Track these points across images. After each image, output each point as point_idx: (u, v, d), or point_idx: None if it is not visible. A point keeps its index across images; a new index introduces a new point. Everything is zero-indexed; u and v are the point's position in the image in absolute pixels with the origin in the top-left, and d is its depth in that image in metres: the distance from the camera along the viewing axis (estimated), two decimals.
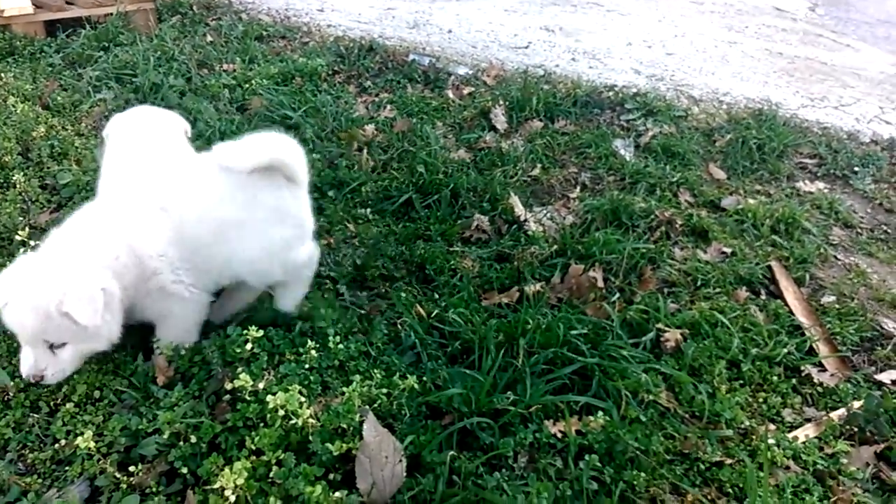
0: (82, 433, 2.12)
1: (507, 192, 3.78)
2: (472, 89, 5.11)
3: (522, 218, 3.61)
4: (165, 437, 2.08)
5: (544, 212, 3.70)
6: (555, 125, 4.62)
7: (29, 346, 2.10)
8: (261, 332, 2.30)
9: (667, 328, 2.80)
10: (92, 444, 1.96)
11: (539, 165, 4.14)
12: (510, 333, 2.59)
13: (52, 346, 2.10)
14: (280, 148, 2.34)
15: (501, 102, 4.76)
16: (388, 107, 4.84)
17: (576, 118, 4.73)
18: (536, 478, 2.10)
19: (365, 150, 4.15)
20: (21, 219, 3.22)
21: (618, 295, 2.99)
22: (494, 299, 2.99)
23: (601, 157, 4.25)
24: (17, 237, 2.82)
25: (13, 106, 4.08)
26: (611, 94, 5.03)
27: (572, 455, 2.19)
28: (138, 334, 2.46)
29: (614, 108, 4.90)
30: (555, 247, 3.30)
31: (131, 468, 2.02)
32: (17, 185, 3.39)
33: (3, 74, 4.58)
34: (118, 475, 2.00)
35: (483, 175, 4.00)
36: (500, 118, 4.64)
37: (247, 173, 2.27)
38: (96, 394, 2.29)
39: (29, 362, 2.11)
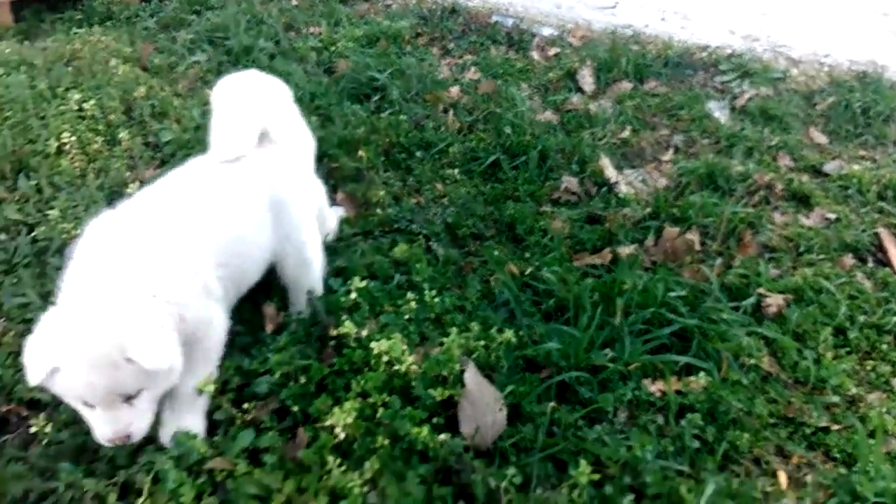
0: None
1: (597, 155, 3.72)
2: (558, 50, 5.02)
3: (613, 180, 3.55)
4: (276, 377, 2.17)
5: (635, 174, 3.64)
6: (644, 87, 4.50)
7: (101, 406, 1.78)
8: (363, 283, 2.36)
9: (768, 293, 2.72)
10: (211, 388, 2.05)
11: (629, 128, 4.05)
12: (606, 293, 2.57)
13: (128, 399, 1.80)
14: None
15: (588, 63, 4.66)
16: (472, 69, 4.81)
17: (667, 79, 4.60)
18: (638, 433, 2.09)
19: (450, 112, 4.15)
20: (129, 174, 3.38)
21: (716, 259, 2.92)
22: (586, 260, 2.96)
23: (694, 120, 4.13)
24: (128, 191, 2.97)
25: (115, 68, 4.25)
26: (704, 54, 4.86)
27: (673, 413, 2.17)
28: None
29: (707, 69, 4.73)
30: (648, 209, 3.24)
31: (245, 405, 2.12)
32: (123, 143, 3.56)
33: (104, 38, 4.77)
34: (233, 411, 2.10)
35: (571, 137, 3.94)
36: (587, 79, 4.55)
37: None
38: None
39: (110, 425, 1.80)
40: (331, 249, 2.90)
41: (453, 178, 3.58)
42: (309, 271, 2.52)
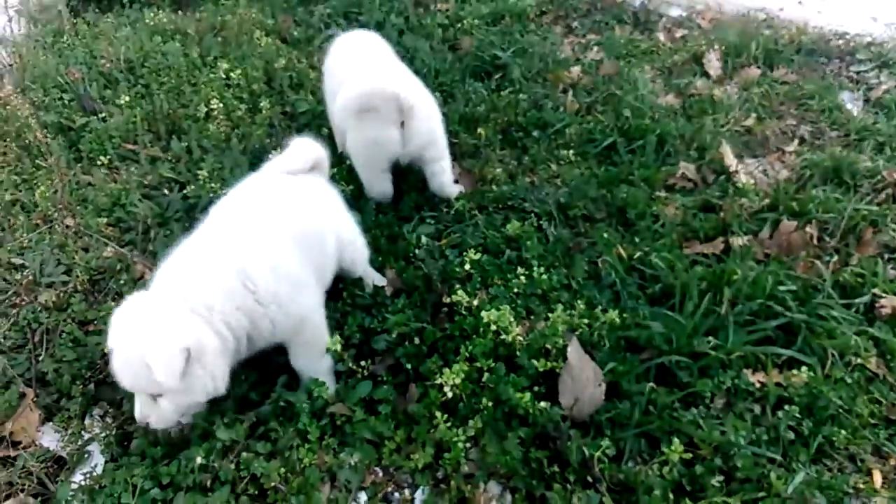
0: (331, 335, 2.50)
1: (718, 142, 3.68)
2: (685, 32, 4.93)
3: (732, 169, 3.50)
4: (393, 336, 2.39)
5: (756, 164, 3.58)
6: (774, 73, 4.36)
7: (134, 392, 2.02)
8: (478, 255, 2.51)
9: (884, 294, 2.66)
10: (339, 347, 2.28)
11: (754, 115, 3.95)
12: (714, 282, 2.60)
13: (155, 396, 1.99)
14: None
15: (716, 47, 4.56)
16: (595, 49, 4.81)
17: (798, 67, 4.42)
18: (733, 419, 2.15)
19: (570, 92, 4.20)
20: (268, 140, 3.68)
21: (832, 256, 2.86)
22: (696, 248, 2.98)
23: (824, 110, 3.97)
24: (271, 157, 3.24)
25: (258, 39, 4.57)
26: (840, 42, 4.63)
27: (771, 404, 2.21)
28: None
29: (843, 57, 4.51)
30: (766, 201, 3.20)
31: (363, 361, 2.34)
32: (264, 111, 3.86)
33: (248, 10, 5.11)
34: (353, 365, 2.33)
35: (692, 122, 3.90)
36: (713, 63, 4.46)
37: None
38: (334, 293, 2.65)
39: (137, 410, 2.03)
40: (449, 222, 3.09)
41: (568, 158, 3.65)
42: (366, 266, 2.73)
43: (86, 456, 2.23)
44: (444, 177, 3.14)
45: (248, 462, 1.98)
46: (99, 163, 3.48)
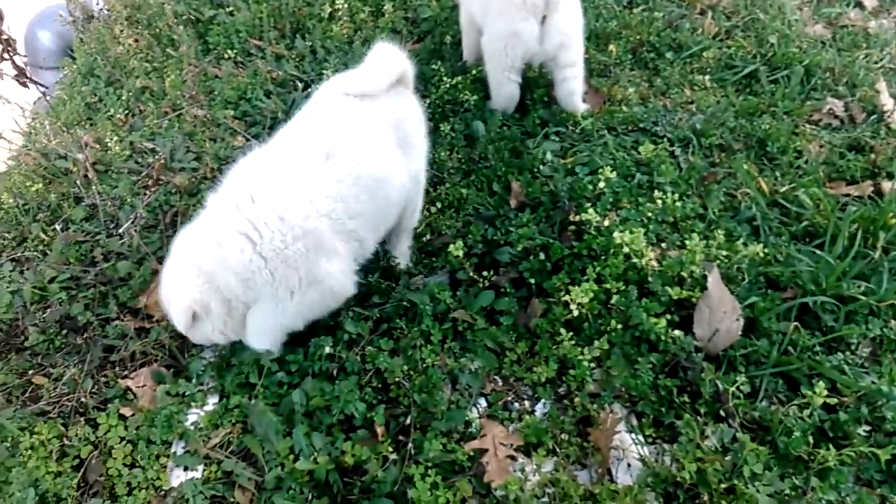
0: (445, 233, 2.47)
1: (871, 78, 3.36)
2: None
3: (886, 108, 3.21)
4: (517, 250, 2.32)
5: None
6: None
7: None
8: (613, 174, 2.39)
9: None
10: (461, 253, 2.24)
11: None
12: (867, 225, 2.40)
13: None
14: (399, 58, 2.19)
15: None
16: None
17: None
18: (878, 370, 2.01)
19: (709, 14, 3.91)
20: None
21: None
22: (842, 189, 2.76)
23: None
24: None
25: None
26: None
27: None
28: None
29: None
30: None
31: (483, 273, 2.30)
32: (387, 14, 3.76)
33: None
34: (474, 274, 2.30)
35: (842, 56, 3.58)
36: None
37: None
38: (457, 203, 2.61)
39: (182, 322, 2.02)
40: (575, 140, 2.96)
41: (703, 84, 3.42)
42: (417, 214, 2.42)
43: None
44: (574, 84, 2.97)
45: (374, 356, 2.00)
46: (226, 56, 3.50)
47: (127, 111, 3.33)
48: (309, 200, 1.92)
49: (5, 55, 4.28)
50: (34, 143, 3.38)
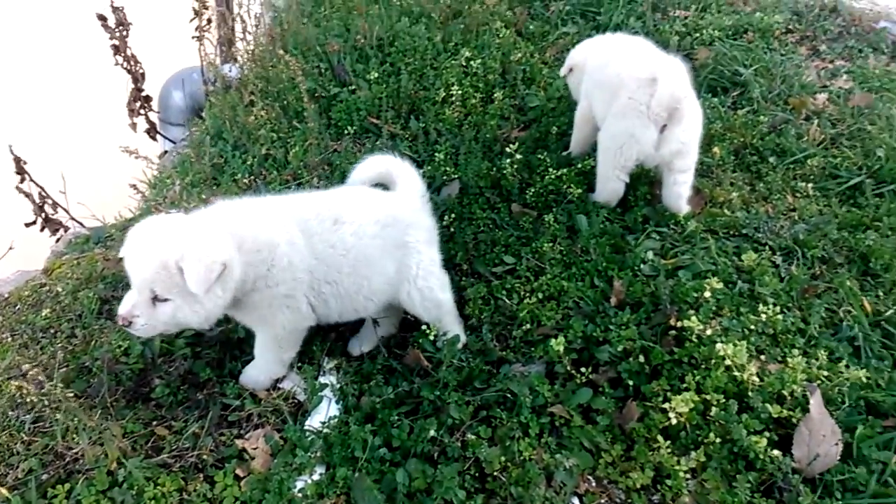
0: (545, 324, 2.57)
1: None
2: None
3: None
4: (618, 350, 2.40)
5: None
6: None
7: (136, 290, 2.06)
8: (720, 284, 2.45)
9: None
10: (562, 348, 2.34)
11: None
12: None
13: (155, 299, 2.05)
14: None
15: None
16: (845, 76, 4.48)
17: None
18: None
19: (815, 121, 3.95)
20: (499, 131, 3.79)
21: None
22: None
23: None
24: (508, 150, 3.33)
25: (497, 31, 4.68)
26: None
27: None
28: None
29: None
30: None
31: (581, 369, 2.38)
32: (496, 101, 3.97)
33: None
34: (571, 369, 2.38)
35: None
36: None
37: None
38: (557, 294, 2.71)
39: (127, 304, 2.07)
40: (676, 241, 3.02)
41: (806, 192, 3.45)
42: (440, 312, 2.54)
43: (320, 402, 2.44)
44: (683, 188, 3.07)
45: (475, 445, 2.09)
46: (346, 132, 3.76)
47: (251, 175, 3.61)
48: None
49: (141, 111, 4.73)
50: (164, 198, 3.70)
